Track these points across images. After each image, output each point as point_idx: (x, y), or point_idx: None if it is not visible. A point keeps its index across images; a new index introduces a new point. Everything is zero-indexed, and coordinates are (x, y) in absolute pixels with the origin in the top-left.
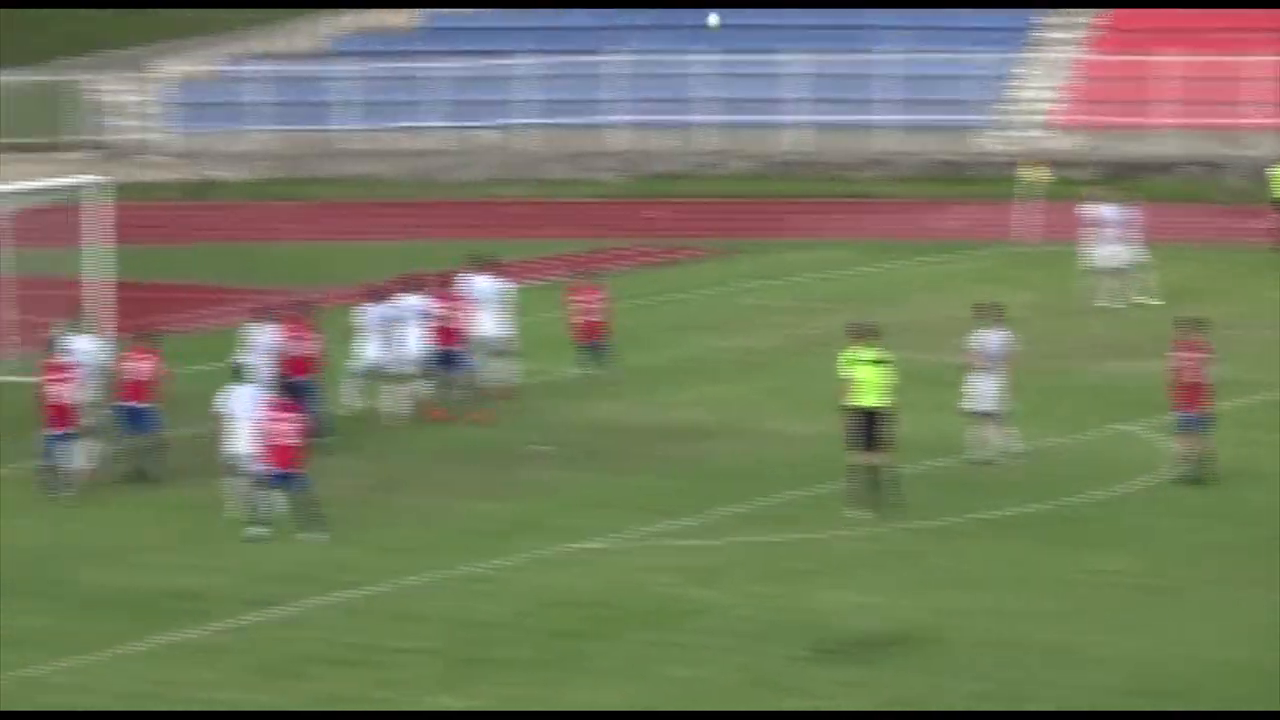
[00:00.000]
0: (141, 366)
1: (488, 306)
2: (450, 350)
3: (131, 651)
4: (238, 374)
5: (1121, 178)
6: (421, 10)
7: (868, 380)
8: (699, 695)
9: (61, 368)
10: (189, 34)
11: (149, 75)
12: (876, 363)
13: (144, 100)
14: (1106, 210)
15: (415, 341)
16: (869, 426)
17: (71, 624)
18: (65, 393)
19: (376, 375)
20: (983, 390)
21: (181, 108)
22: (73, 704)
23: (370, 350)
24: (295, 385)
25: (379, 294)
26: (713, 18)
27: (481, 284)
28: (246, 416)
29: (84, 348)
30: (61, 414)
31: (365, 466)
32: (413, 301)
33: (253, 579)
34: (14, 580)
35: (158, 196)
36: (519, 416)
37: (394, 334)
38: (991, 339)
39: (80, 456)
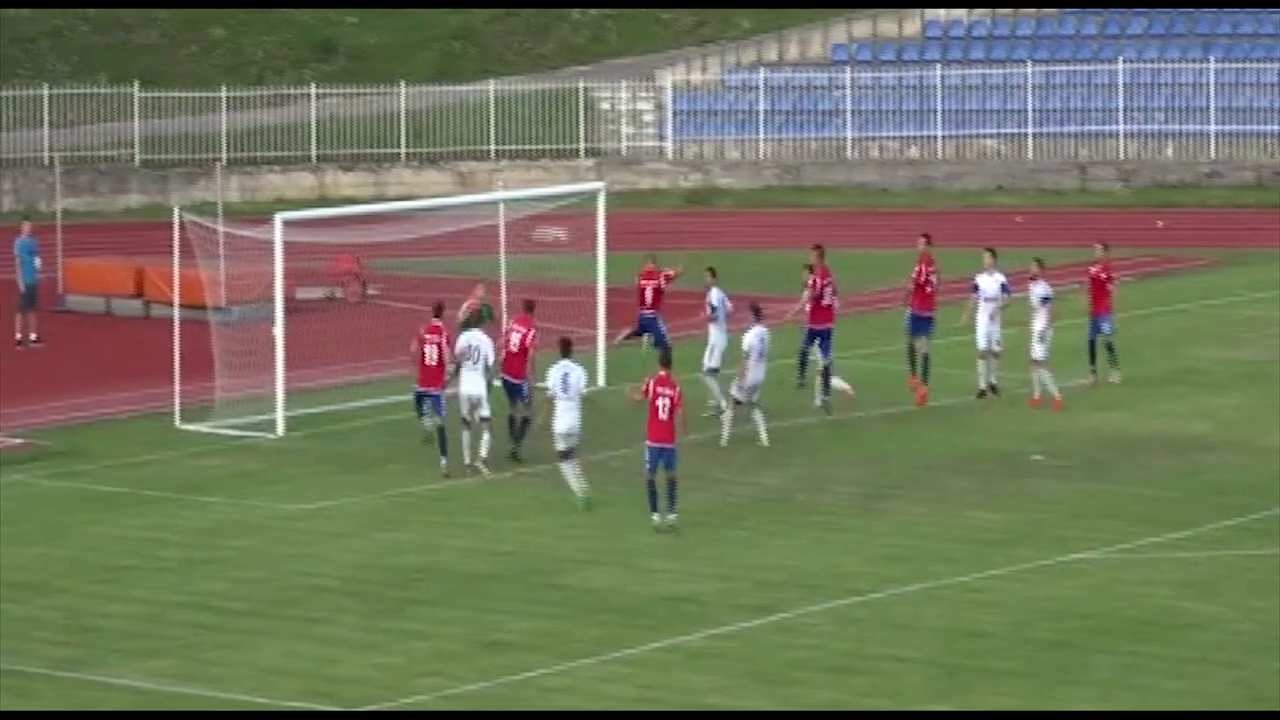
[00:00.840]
0: (515, 337)
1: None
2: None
3: (624, 656)
4: (566, 349)
5: None
6: (924, 19)
7: None
8: (1193, 709)
9: (438, 330)
10: (688, 42)
11: (652, 83)
12: None
13: (647, 108)
14: None
15: None
16: None
17: (567, 627)
18: (434, 353)
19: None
20: None
21: (684, 115)
22: (563, 707)
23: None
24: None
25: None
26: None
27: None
28: (563, 396)
29: (476, 340)
30: (427, 374)
31: (862, 473)
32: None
33: (748, 585)
34: (515, 582)
35: (660, 204)
36: (1019, 425)
37: None
38: None
39: (474, 450)
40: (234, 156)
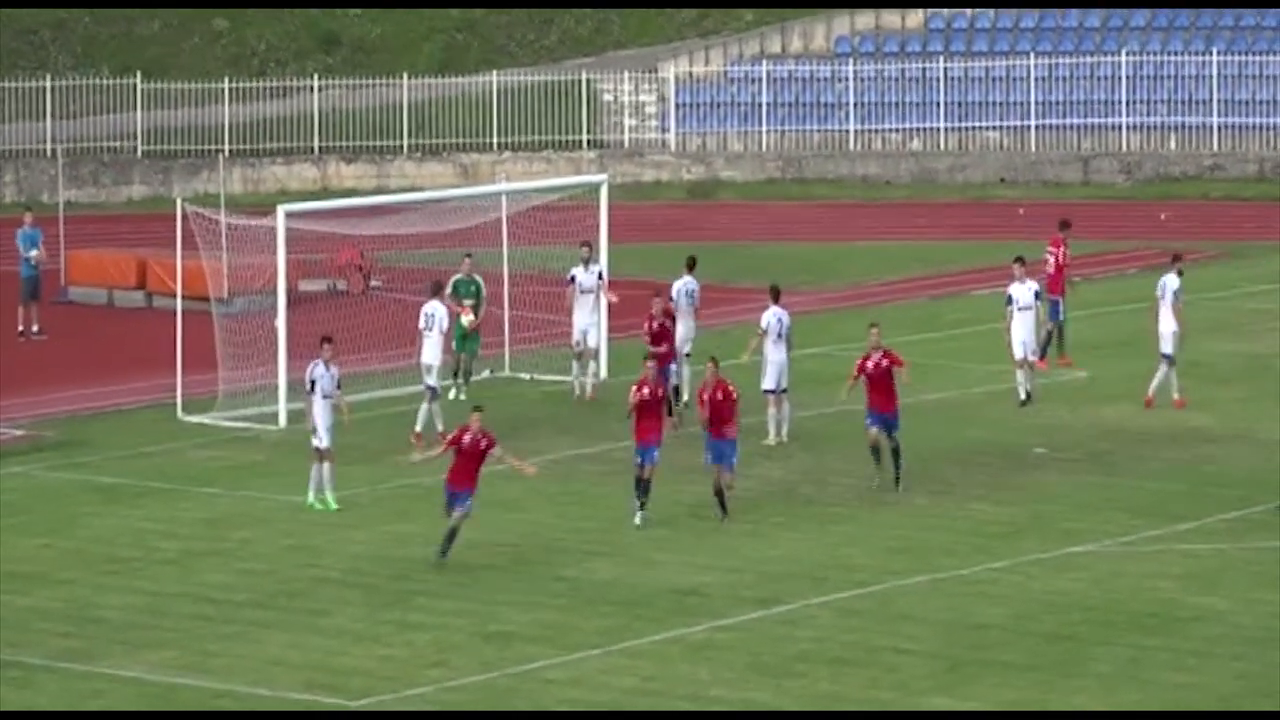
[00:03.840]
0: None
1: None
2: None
3: (627, 647)
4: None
5: None
6: (926, 11)
7: None
8: (1197, 702)
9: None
10: (691, 34)
11: (655, 75)
12: None
13: (650, 100)
14: None
15: None
16: None
17: (569, 619)
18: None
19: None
20: None
21: (687, 107)
22: (566, 699)
23: None
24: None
25: None
26: None
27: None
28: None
29: (432, 309)
30: None
31: (865, 466)
32: None
33: (751, 577)
34: (518, 574)
35: (662, 196)
36: (1022, 418)
37: None
38: None
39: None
40: (236, 148)
